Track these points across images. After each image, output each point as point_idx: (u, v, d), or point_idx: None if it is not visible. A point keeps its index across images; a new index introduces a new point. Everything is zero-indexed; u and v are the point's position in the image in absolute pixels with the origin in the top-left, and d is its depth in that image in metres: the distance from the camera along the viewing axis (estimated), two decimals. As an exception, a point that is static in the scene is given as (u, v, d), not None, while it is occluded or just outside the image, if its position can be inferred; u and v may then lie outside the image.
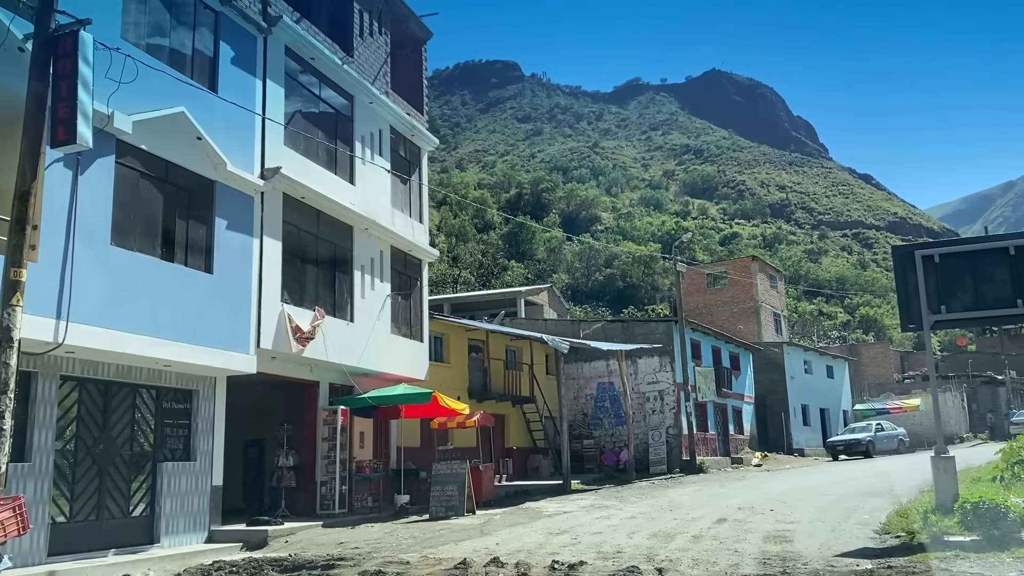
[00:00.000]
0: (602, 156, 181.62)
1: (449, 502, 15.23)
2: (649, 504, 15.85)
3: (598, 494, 18.91)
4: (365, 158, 17.30)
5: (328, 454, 16.08)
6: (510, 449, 24.67)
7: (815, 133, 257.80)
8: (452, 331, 22.60)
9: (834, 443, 31.70)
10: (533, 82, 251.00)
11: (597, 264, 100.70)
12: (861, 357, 44.16)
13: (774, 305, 44.19)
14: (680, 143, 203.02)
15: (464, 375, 22.93)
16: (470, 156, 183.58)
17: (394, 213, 18.29)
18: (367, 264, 17.07)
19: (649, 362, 26.84)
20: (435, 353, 22.11)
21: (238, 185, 13.44)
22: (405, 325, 18.66)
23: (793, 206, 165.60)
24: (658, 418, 26.38)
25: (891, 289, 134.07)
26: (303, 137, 15.48)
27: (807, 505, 14.61)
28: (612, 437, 27.18)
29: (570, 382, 28.06)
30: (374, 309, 17.15)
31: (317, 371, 16.00)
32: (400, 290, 18.41)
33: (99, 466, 11.37)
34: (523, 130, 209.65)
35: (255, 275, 13.72)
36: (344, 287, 16.47)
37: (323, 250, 16.00)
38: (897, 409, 36.31)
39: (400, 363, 17.92)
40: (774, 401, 34.42)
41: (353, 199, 16.52)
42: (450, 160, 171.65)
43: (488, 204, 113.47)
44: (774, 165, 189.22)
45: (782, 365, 34.64)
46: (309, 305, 15.14)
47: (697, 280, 43.54)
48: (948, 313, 11.08)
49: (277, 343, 14.06)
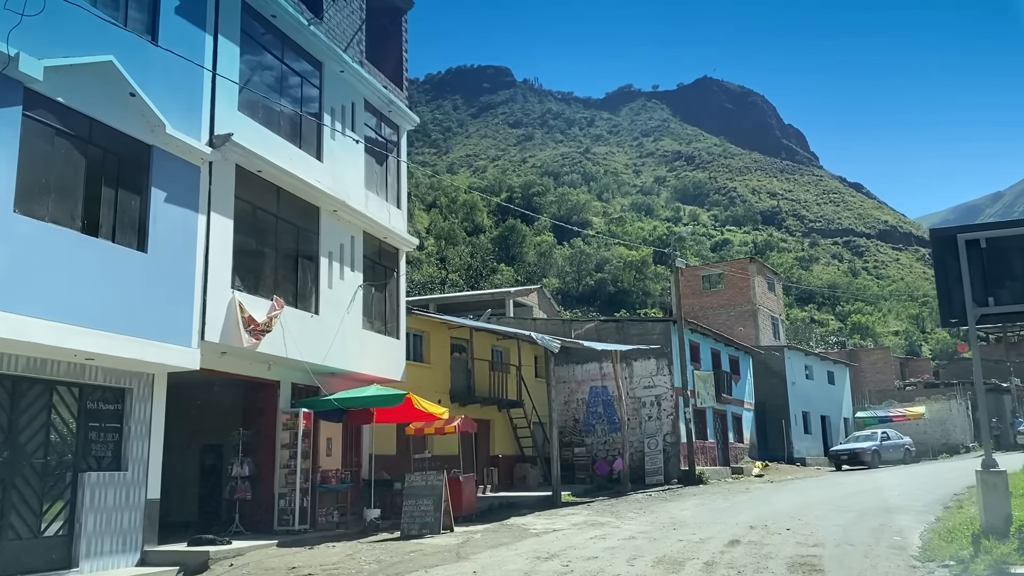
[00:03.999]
0: (593, 162, 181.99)
1: (423, 518, 13.45)
2: (649, 521, 14.13)
3: (591, 508, 17.16)
4: (335, 133, 15.55)
5: (288, 463, 14.30)
6: (495, 457, 22.84)
7: (806, 141, 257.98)
8: (433, 328, 20.81)
9: (838, 452, 30.00)
10: (525, 87, 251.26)
11: (588, 269, 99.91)
12: (861, 363, 42.64)
13: (772, 309, 42.62)
14: (672, 149, 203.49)
15: (446, 376, 21.11)
16: (461, 161, 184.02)
17: (368, 196, 16.54)
18: (335, 250, 15.30)
19: (645, 365, 25.06)
20: (414, 352, 20.33)
21: (181, 152, 11.66)
22: (379, 320, 16.89)
23: (784, 213, 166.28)
24: (654, 425, 24.63)
25: (883, 297, 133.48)
26: (262, 104, 13.72)
27: (826, 523, 13.09)
28: (605, 445, 25.40)
29: (561, 385, 26.30)
30: (343, 301, 15.38)
31: (277, 369, 14.20)
32: (374, 281, 16.64)
33: (1, 478, 9.54)
34: (515, 135, 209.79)
35: (200, 257, 11.92)
36: (308, 275, 14.69)
37: (284, 232, 14.21)
38: (900, 417, 34.71)
39: (373, 362, 16.15)
40: (774, 408, 32.72)
41: (320, 177, 14.75)
42: (441, 164, 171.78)
43: (478, 206, 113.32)
44: (765, 172, 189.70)
45: (782, 370, 32.93)
46: (266, 294, 13.36)
47: (692, 282, 41.92)
48: (996, 306, 9.81)
49: (226, 336, 12.27)
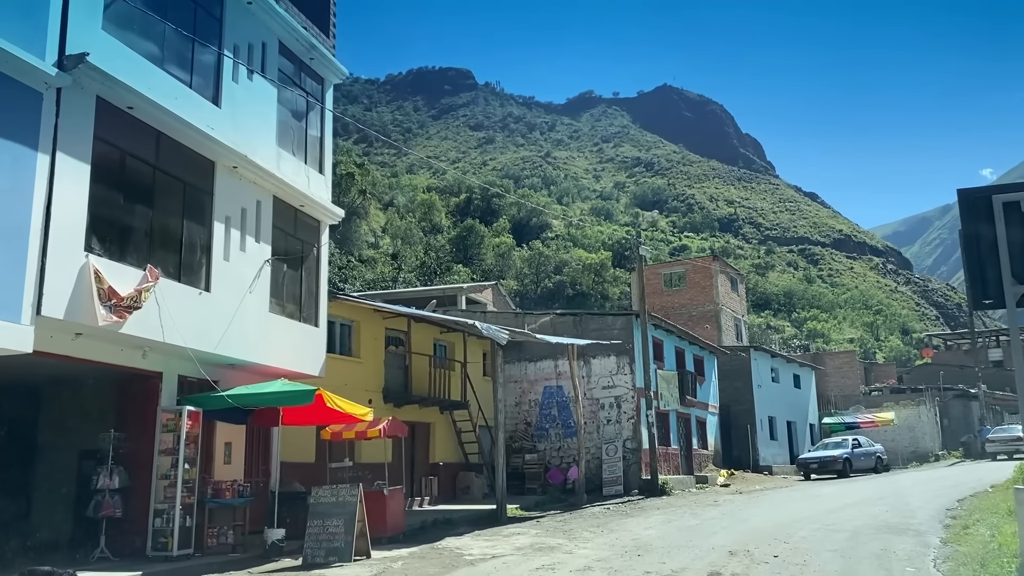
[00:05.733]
0: (554, 166, 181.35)
1: (331, 543, 10.88)
2: (608, 544, 11.76)
3: (541, 526, 14.74)
4: (238, 74, 12.91)
5: (168, 473, 11.61)
6: (435, 465, 20.24)
7: (763, 150, 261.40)
8: (364, 318, 18.19)
9: (807, 460, 28.10)
10: (486, 91, 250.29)
11: (547, 271, 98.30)
12: (826, 366, 41.18)
13: (735, 309, 40.88)
14: (631, 156, 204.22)
15: (379, 373, 18.50)
16: (421, 162, 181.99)
17: (281, 154, 13.92)
18: (235, 215, 12.64)
19: (605, 363, 22.77)
20: (340, 344, 17.72)
21: (13, 71, 8.97)
22: (293, 303, 14.25)
23: (741, 221, 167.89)
24: (614, 429, 22.36)
25: (837, 304, 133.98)
26: (139, 25, 11.02)
27: (819, 548, 10.98)
28: (559, 451, 23.03)
29: (512, 385, 23.87)
30: (244, 278, 12.72)
31: (156, 358, 11.49)
32: (287, 255, 14.01)
33: None
34: (475, 138, 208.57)
35: (39, 206, 9.21)
36: (198, 243, 12.01)
37: (166, 188, 11.51)
38: (869, 423, 33.09)
39: (283, 352, 13.51)
40: (739, 412, 30.75)
41: (216, 124, 12.10)
42: (401, 165, 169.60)
43: (437, 206, 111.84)
44: (723, 180, 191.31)
45: (748, 372, 30.98)
46: (136, 262, 10.66)
47: (653, 281, 39.93)
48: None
49: (75, 311, 9.56)
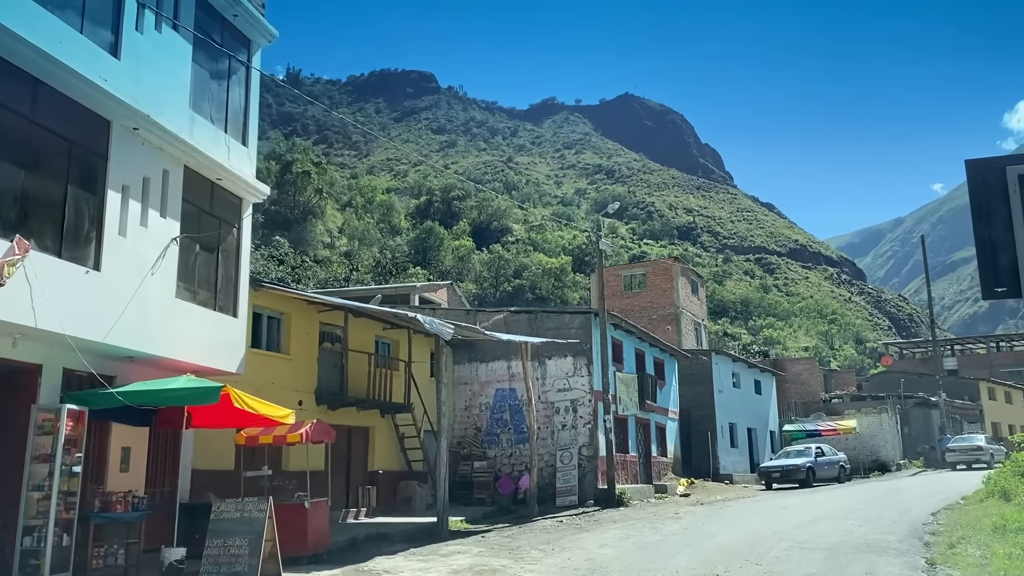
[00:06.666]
0: (516, 171, 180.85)
1: (233, 566, 9.25)
2: (558, 566, 10.32)
3: (485, 542, 13.22)
4: (143, 24, 11.20)
5: (43, 483, 9.82)
6: (375, 474, 18.55)
7: (721, 161, 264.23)
8: (296, 310, 16.47)
9: (769, 469, 27.05)
10: (449, 95, 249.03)
11: (506, 275, 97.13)
12: (787, 372, 40.49)
13: (695, 313, 39.93)
14: (592, 163, 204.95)
15: (312, 372, 16.77)
16: (382, 164, 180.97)
17: (195, 119, 12.21)
18: (135, 185, 10.91)
19: (561, 364, 21.37)
20: (267, 338, 15.99)
21: None
22: (207, 290, 12.54)
23: (700, 229, 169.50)
24: (569, 435, 20.97)
25: (793, 313, 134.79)
26: (11, -47, 9.29)
27: (795, 571, 9.76)
28: (511, 458, 21.52)
29: (462, 387, 22.32)
30: (145, 257, 10.99)
31: (30, 347, 9.72)
32: (200, 233, 12.29)
33: None
34: (437, 141, 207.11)
35: None
36: (86, 213, 10.26)
37: (46, 146, 9.77)
38: (830, 431, 32.31)
39: (193, 345, 11.79)
40: (699, 418, 29.63)
41: (112, 77, 10.38)
42: (362, 167, 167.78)
43: (396, 207, 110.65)
44: (682, 189, 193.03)
45: (709, 376, 29.89)
46: (0, 231, 8.91)
47: (613, 283, 38.76)
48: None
49: (-89, 285, 7.79)
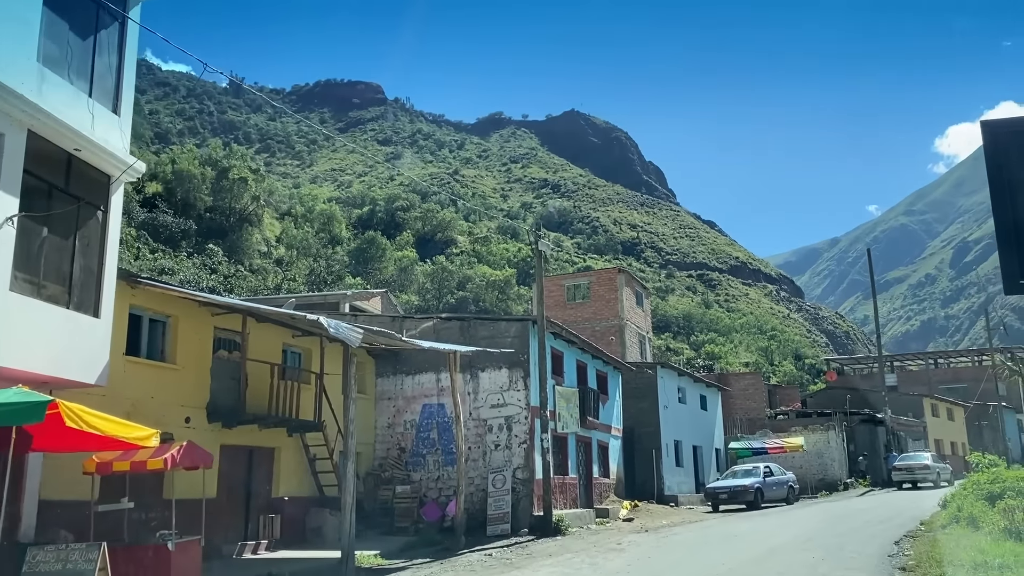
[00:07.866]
0: (462, 184, 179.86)
1: (44, 637, 7.03)
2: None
3: (396, 585, 11.21)
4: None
5: None
6: (280, 501, 16.31)
7: (664, 179, 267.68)
8: (186, 312, 14.21)
9: (716, 490, 25.62)
10: (396, 106, 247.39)
11: (449, 287, 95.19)
12: (732, 388, 39.48)
13: (640, 325, 38.61)
14: (539, 177, 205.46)
15: (204, 385, 14.49)
16: (326, 174, 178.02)
17: (45, 75, 10.02)
18: (-52, 144, 8.70)
19: (495, 376, 19.48)
20: (148, 344, 13.69)
21: None
22: (58, 283, 10.29)
23: (643, 245, 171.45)
24: (503, 455, 19.07)
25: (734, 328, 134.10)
26: None
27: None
28: (438, 482, 19.49)
29: (385, 402, 20.21)
30: (-37, 235, 8.76)
31: None
32: (48, 213, 10.07)
33: None
34: (383, 153, 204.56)
35: None
36: None
37: None
38: (777, 449, 31.20)
39: (33, 349, 9.55)
40: (644, 435, 28.10)
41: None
42: (304, 176, 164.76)
43: (337, 217, 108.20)
44: (626, 205, 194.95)
45: (654, 391, 28.41)
46: None
47: (556, 293, 37.20)
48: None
49: None
